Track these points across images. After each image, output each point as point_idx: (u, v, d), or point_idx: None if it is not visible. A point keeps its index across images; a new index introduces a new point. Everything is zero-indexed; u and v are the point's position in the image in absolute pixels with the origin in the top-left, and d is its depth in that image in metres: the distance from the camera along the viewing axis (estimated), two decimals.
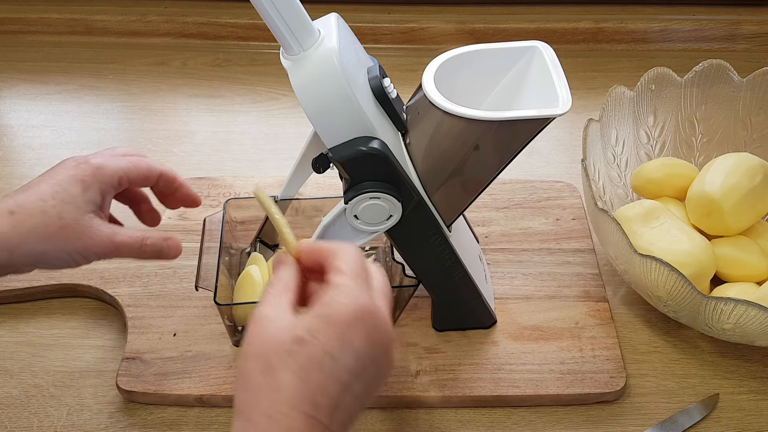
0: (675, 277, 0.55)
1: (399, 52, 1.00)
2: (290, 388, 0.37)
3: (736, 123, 0.73)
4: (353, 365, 0.39)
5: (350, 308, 0.39)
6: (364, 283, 0.41)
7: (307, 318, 0.39)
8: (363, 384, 0.39)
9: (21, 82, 0.96)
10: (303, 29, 0.46)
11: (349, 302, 0.39)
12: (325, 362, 0.38)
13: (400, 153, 0.51)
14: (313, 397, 0.37)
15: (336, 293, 0.40)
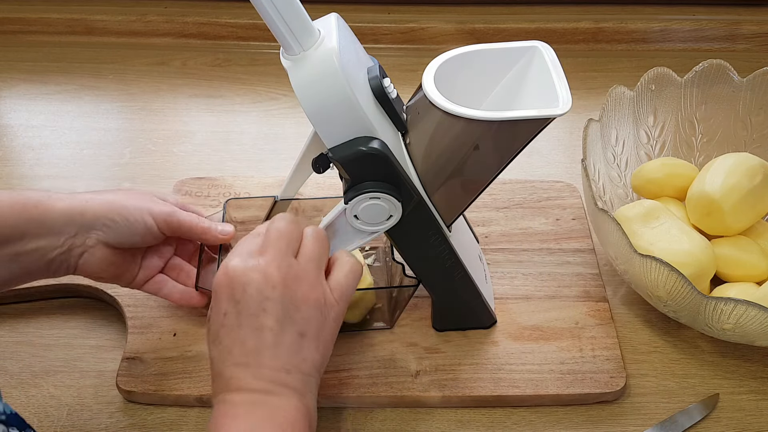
0: (675, 277, 0.55)
1: (399, 52, 1.00)
2: (213, 358, 0.46)
3: (736, 123, 0.73)
4: (232, 312, 0.45)
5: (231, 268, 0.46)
6: (255, 241, 0.48)
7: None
8: (297, 329, 0.46)
9: (21, 82, 0.96)
10: (303, 29, 0.46)
11: (232, 265, 0.47)
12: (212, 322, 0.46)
13: (400, 153, 0.50)
14: (230, 353, 0.45)
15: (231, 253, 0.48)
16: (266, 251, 0.46)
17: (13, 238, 0.50)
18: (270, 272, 0.45)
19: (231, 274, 0.46)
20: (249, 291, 0.45)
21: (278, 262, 0.46)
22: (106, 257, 0.54)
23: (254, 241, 0.48)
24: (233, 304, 0.45)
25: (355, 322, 0.63)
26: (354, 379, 0.59)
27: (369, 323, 0.64)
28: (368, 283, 0.63)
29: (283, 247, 0.47)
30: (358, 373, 0.60)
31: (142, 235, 0.55)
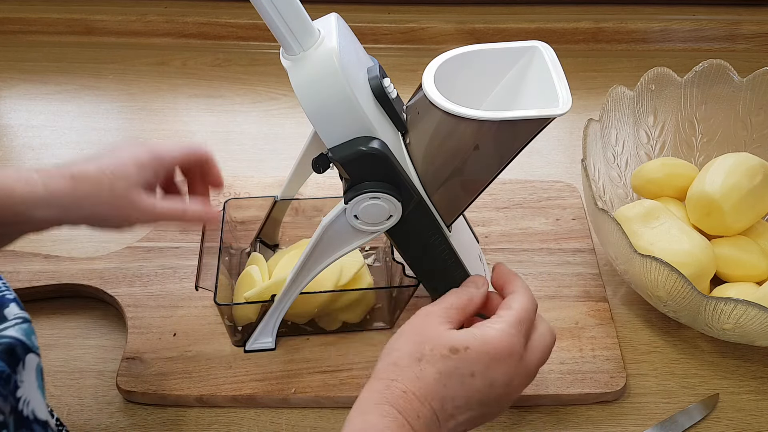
0: (675, 277, 0.55)
1: (399, 52, 1.00)
2: (431, 383, 0.44)
3: (736, 123, 0.73)
4: (484, 392, 0.45)
5: (505, 344, 0.45)
6: (524, 330, 0.47)
7: (466, 334, 0.46)
8: (478, 414, 0.45)
9: (21, 82, 0.96)
10: (303, 29, 0.46)
11: (505, 339, 0.46)
12: (465, 378, 0.44)
13: (400, 153, 0.50)
14: (443, 400, 0.44)
15: (499, 326, 0.46)
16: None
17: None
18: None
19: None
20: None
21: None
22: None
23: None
24: (504, 386, 0.46)
25: (355, 322, 0.63)
26: (354, 379, 0.59)
27: (369, 323, 0.64)
28: (368, 283, 0.63)
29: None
30: (358, 373, 0.60)
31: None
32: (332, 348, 0.62)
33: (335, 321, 0.63)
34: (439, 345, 0.45)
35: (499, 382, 0.45)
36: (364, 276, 0.63)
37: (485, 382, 0.45)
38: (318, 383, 0.59)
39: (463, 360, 0.44)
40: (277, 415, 0.59)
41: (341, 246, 0.55)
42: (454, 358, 0.44)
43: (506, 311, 0.47)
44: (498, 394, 0.45)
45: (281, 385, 0.59)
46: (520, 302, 0.48)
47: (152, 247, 0.70)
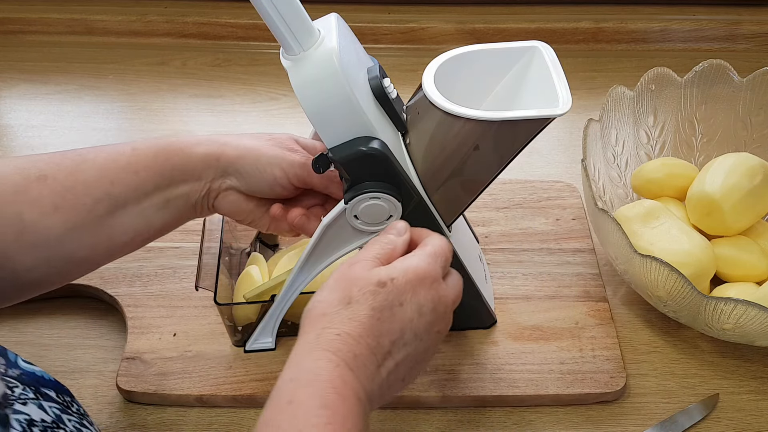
0: (675, 277, 0.55)
1: (399, 52, 1.00)
2: (364, 322, 0.44)
3: (736, 123, 0.73)
4: (415, 321, 0.45)
5: (424, 269, 0.46)
6: (440, 262, 0.48)
7: (389, 268, 0.46)
8: (413, 350, 0.45)
9: (21, 82, 0.96)
10: (303, 29, 0.46)
11: (425, 266, 0.47)
12: (396, 308, 0.45)
13: (400, 153, 0.50)
14: (379, 336, 0.44)
15: (417, 256, 0.47)
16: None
17: (161, 186, 0.51)
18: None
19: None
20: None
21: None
22: (236, 202, 0.55)
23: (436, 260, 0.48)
24: (431, 311, 0.46)
25: None
26: None
27: None
28: None
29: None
30: None
31: (271, 185, 0.54)
32: None
33: None
34: (366, 283, 0.45)
35: (426, 308, 0.46)
36: None
37: (413, 308, 0.45)
38: None
39: (391, 291, 0.45)
40: None
41: (341, 246, 0.55)
42: (382, 291, 0.45)
43: (422, 247, 0.49)
44: (427, 321, 0.46)
45: None
46: (436, 241, 0.49)
47: (152, 247, 0.69)
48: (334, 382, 0.41)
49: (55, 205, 0.48)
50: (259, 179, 0.53)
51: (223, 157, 0.53)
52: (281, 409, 0.40)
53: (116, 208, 0.50)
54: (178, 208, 0.53)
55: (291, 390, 0.41)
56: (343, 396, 0.40)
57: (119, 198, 0.50)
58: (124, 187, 0.50)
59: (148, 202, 0.51)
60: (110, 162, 0.51)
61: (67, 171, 0.49)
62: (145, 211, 0.52)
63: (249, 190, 0.54)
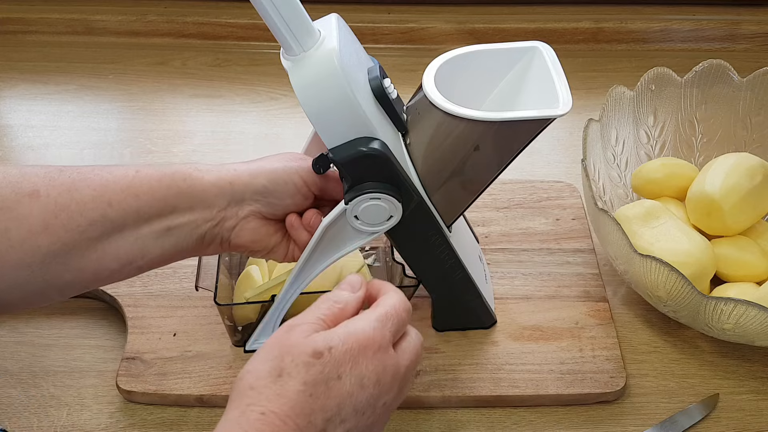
0: (675, 277, 0.55)
1: (399, 52, 1.00)
2: (293, 399, 0.39)
3: (736, 123, 0.73)
4: (355, 396, 0.40)
5: (368, 336, 0.42)
6: (390, 326, 0.43)
7: (328, 334, 0.41)
8: (352, 425, 0.41)
9: (21, 82, 0.96)
10: (303, 30, 0.46)
11: (370, 331, 0.42)
12: (332, 381, 0.40)
13: (400, 153, 0.51)
14: (310, 415, 0.39)
15: (364, 320, 0.43)
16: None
17: (164, 212, 0.49)
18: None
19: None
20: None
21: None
22: (259, 228, 0.52)
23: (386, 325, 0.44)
24: (375, 384, 0.41)
25: None
26: None
27: None
28: None
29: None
30: None
31: (292, 196, 0.52)
32: None
33: None
34: (300, 353, 0.40)
35: (368, 380, 0.41)
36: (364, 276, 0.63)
37: (354, 381, 0.40)
38: None
39: (328, 362, 0.40)
40: None
41: (341, 246, 0.55)
42: (317, 363, 0.40)
43: (373, 309, 0.44)
44: (370, 395, 0.41)
45: None
46: (389, 301, 0.45)
47: None
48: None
49: (46, 224, 0.45)
50: (281, 192, 0.52)
51: (237, 181, 0.50)
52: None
53: (112, 231, 0.47)
54: (181, 237, 0.50)
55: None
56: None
57: (116, 221, 0.47)
58: (122, 210, 0.47)
59: (147, 228, 0.48)
60: (110, 182, 0.48)
61: (62, 188, 0.46)
62: (143, 238, 0.49)
63: (270, 207, 0.52)
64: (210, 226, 0.51)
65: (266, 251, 0.55)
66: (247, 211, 0.52)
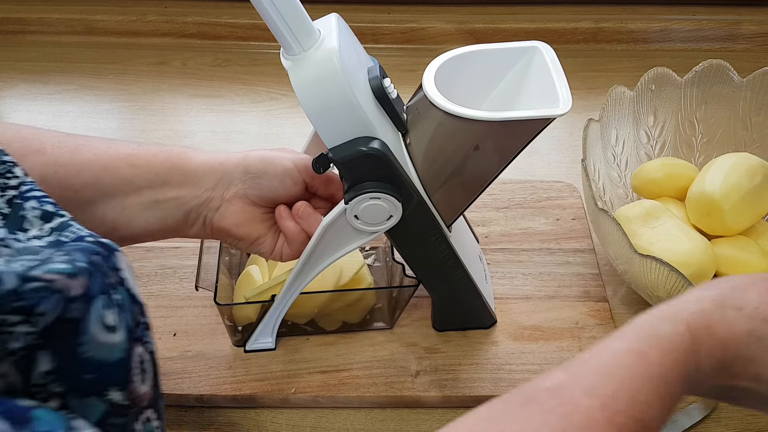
0: (675, 277, 0.55)
1: (399, 52, 1.00)
2: (737, 334, 0.38)
3: (736, 123, 0.73)
4: None
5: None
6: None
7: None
8: (759, 401, 0.40)
9: (21, 82, 0.96)
10: (303, 29, 0.46)
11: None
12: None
13: (400, 153, 0.50)
14: (736, 358, 0.38)
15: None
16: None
17: (154, 184, 0.50)
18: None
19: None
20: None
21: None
22: (243, 210, 0.53)
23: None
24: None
25: (355, 322, 0.63)
26: (354, 379, 0.59)
27: (369, 323, 0.64)
28: (368, 283, 0.63)
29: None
30: (358, 373, 0.60)
31: (281, 179, 0.52)
32: (332, 348, 0.62)
33: (335, 321, 0.63)
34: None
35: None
36: (364, 276, 0.63)
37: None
38: (318, 383, 0.59)
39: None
40: (277, 415, 0.59)
41: (341, 246, 0.55)
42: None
43: None
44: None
45: (281, 385, 0.59)
46: None
47: (152, 247, 0.70)
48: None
49: (43, 177, 0.46)
50: (270, 175, 0.52)
51: (228, 162, 0.52)
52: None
53: (102, 197, 0.49)
54: (166, 212, 0.51)
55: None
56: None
57: (107, 186, 0.48)
58: (116, 176, 0.49)
59: (136, 198, 0.50)
60: (111, 150, 0.49)
61: (66, 149, 0.48)
62: (130, 208, 0.50)
63: (257, 190, 0.52)
64: (196, 203, 0.51)
65: (251, 240, 0.54)
66: (233, 192, 0.52)
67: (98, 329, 0.31)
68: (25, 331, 0.28)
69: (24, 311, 0.28)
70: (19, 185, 0.37)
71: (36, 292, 0.29)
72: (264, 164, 0.52)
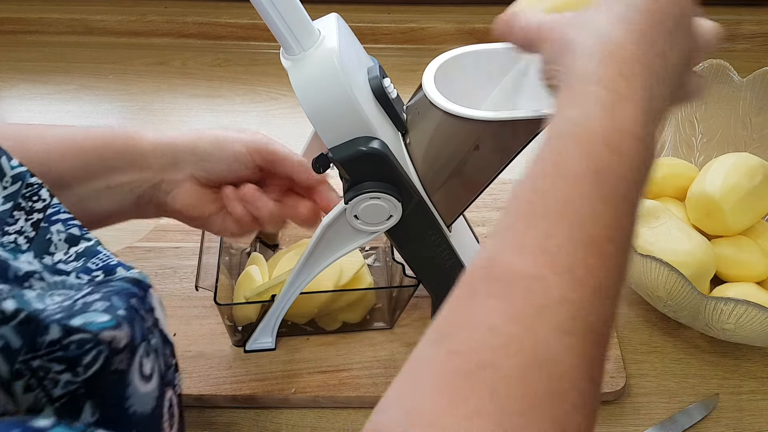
0: (675, 277, 0.55)
1: (399, 52, 1.00)
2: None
3: (736, 123, 0.73)
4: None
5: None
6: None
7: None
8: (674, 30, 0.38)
9: (21, 82, 0.96)
10: (303, 29, 0.46)
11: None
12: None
13: (400, 153, 0.50)
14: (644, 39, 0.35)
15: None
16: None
17: (104, 171, 0.49)
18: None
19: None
20: None
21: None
22: (194, 192, 0.52)
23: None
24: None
25: (355, 322, 0.63)
26: (354, 379, 0.59)
27: (369, 323, 0.64)
28: (368, 283, 0.63)
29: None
30: (358, 373, 0.60)
31: (230, 163, 0.52)
32: (332, 348, 0.62)
33: (335, 321, 0.63)
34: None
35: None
36: (364, 276, 0.63)
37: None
38: (318, 383, 0.59)
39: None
40: (277, 415, 0.59)
41: (341, 246, 0.55)
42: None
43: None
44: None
45: (281, 385, 0.59)
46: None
47: (152, 247, 0.70)
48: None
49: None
50: (220, 157, 0.52)
51: (178, 141, 0.51)
52: None
53: (55, 188, 0.47)
54: (120, 197, 0.51)
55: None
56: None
57: (59, 178, 0.48)
58: (66, 167, 0.48)
59: (87, 187, 0.49)
60: (58, 140, 0.49)
61: (15, 141, 0.46)
62: (84, 199, 0.49)
63: (206, 172, 0.52)
64: (147, 186, 0.51)
65: (202, 219, 0.54)
66: (184, 174, 0.52)
67: (138, 379, 0.31)
68: (68, 379, 0.28)
69: (67, 361, 0.28)
70: (45, 208, 0.37)
71: (79, 345, 0.28)
72: (214, 147, 0.52)
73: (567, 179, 0.31)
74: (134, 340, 0.30)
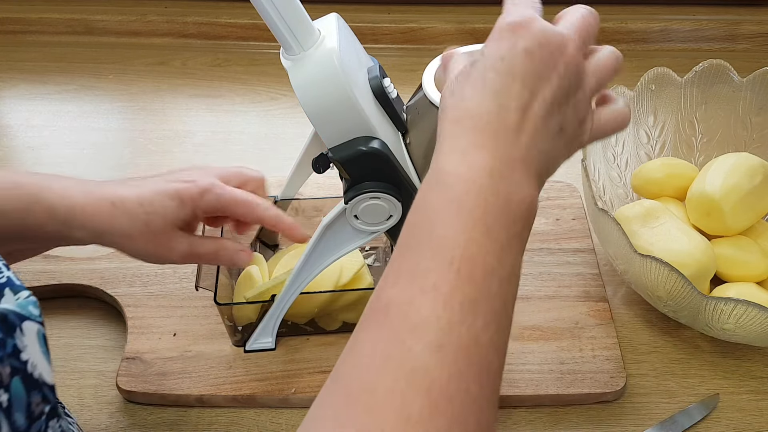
0: (675, 277, 0.55)
1: (399, 52, 1.00)
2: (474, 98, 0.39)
3: (736, 123, 0.73)
4: (526, 64, 0.40)
5: (512, 17, 0.42)
6: (582, 37, 0.44)
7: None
8: (549, 91, 0.40)
9: (21, 82, 0.96)
10: (303, 29, 0.46)
11: (514, 13, 0.42)
12: (497, 65, 0.40)
13: (400, 153, 0.50)
14: (497, 97, 0.39)
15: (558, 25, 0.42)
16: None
17: (12, 239, 0.47)
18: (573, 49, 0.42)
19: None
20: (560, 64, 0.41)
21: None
22: (134, 250, 0.50)
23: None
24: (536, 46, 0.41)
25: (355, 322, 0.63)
26: None
27: None
28: (368, 283, 0.63)
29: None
30: None
31: (155, 263, 0.51)
32: (332, 348, 0.62)
33: (335, 321, 0.63)
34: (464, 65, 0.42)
35: (530, 46, 0.41)
36: (364, 276, 0.63)
37: (516, 54, 0.41)
38: (318, 383, 0.59)
39: (484, 58, 0.42)
40: (277, 415, 0.59)
41: (341, 246, 0.55)
42: (476, 66, 0.41)
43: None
44: (538, 58, 0.41)
45: (281, 385, 0.59)
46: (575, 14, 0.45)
47: None
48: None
49: None
50: (146, 226, 0.49)
51: (88, 224, 0.47)
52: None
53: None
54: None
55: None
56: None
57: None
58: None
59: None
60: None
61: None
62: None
63: (136, 243, 0.49)
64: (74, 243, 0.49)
65: (154, 260, 0.52)
66: (114, 244, 0.50)
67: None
68: None
69: None
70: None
71: None
72: (147, 213, 0.49)
73: (427, 212, 0.36)
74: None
